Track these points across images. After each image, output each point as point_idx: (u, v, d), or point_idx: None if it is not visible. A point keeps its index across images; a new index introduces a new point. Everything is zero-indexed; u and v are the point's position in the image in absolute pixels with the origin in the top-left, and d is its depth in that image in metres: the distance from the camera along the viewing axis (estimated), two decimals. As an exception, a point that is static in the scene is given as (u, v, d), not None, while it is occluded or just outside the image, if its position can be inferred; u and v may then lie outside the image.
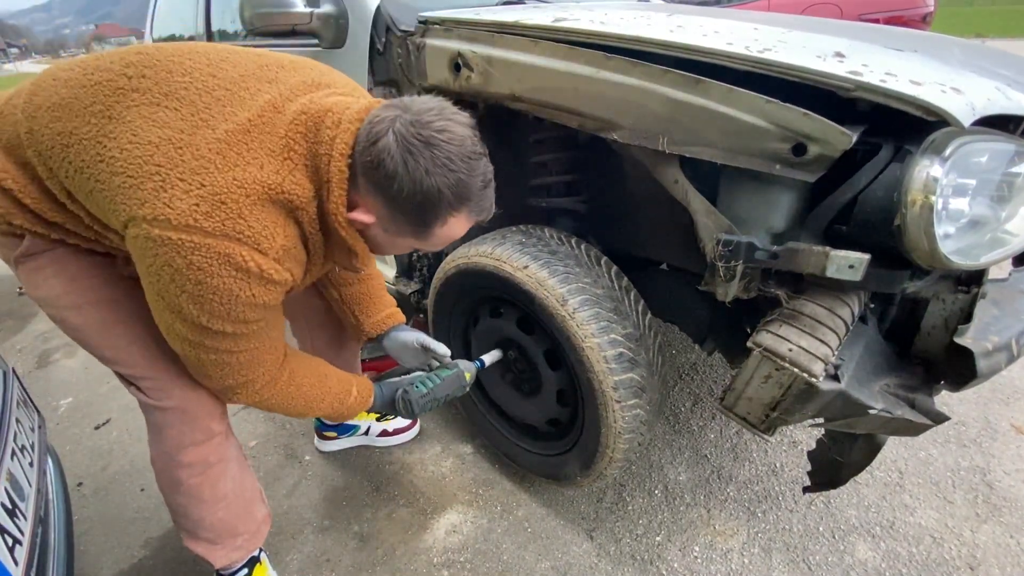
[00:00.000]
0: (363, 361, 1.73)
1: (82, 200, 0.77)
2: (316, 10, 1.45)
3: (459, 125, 0.72)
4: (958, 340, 0.89)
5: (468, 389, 1.23)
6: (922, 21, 4.63)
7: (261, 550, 1.20)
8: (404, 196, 0.71)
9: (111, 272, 0.90)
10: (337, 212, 0.75)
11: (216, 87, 0.73)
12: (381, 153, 0.69)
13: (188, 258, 0.68)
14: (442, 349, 1.18)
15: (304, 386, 0.96)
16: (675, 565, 1.27)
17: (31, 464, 0.95)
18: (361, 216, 0.75)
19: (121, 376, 0.95)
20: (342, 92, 0.81)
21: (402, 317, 1.27)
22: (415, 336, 1.21)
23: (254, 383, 0.88)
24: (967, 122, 0.74)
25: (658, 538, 1.33)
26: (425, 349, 1.19)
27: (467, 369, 1.22)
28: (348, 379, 1.07)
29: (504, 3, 1.63)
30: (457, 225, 0.77)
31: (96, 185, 0.72)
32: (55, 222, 0.81)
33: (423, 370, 1.23)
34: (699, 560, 1.27)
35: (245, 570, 1.14)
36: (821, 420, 0.92)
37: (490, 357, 1.32)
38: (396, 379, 1.18)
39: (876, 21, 4.34)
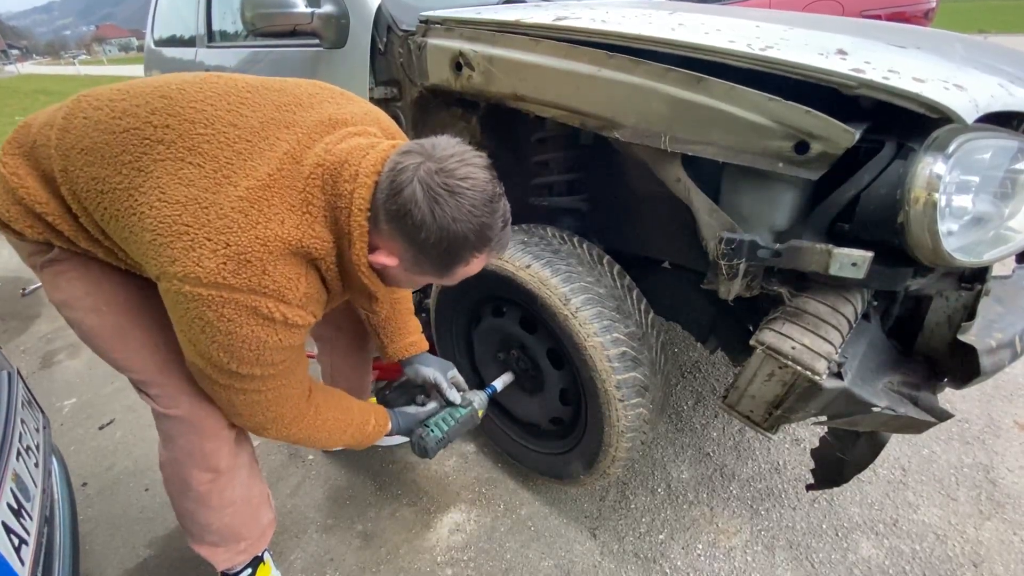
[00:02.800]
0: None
1: (117, 241, 0.81)
2: (317, 10, 1.45)
3: (480, 169, 0.73)
4: (961, 337, 0.89)
5: (480, 422, 1.25)
6: (924, 17, 4.61)
7: (265, 550, 1.21)
8: (431, 243, 0.73)
9: (133, 280, 0.91)
10: (360, 263, 0.78)
11: (237, 139, 0.75)
12: (408, 204, 0.71)
13: (219, 311, 0.72)
14: (454, 397, 1.20)
15: (329, 420, 0.99)
16: (678, 563, 1.27)
17: (36, 465, 0.96)
18: (384, 259, 0.78)
19: (134, 383, 0.96)
20: (358, 131, 0.82)
21: (425, 344, 1.27)
22: (432, 375, 1.22)
23: (283, 418, 0.91)
24: (970, 119, 0.73)
25: (661, 536, 1.34)
26: (438, 389, 1.22)
27: (480, 405, 1.23)
28: (367, 409, 1.10)
29: (505, 2, 1.63)
30: (477, 263, 0.80)
31: (129, 235, 0.76)
32: (88, 250, 0.85)
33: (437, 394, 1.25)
34: (702, 558, 1.28)
35: (248, 570, 1.14)
36: (824, 418, 0.92)
37: (501, 382, 1.33)
38: (412, 411, 1.20)
39: (878, 17, 4.33)
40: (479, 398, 1.23)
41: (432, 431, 1.15)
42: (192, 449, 0.96)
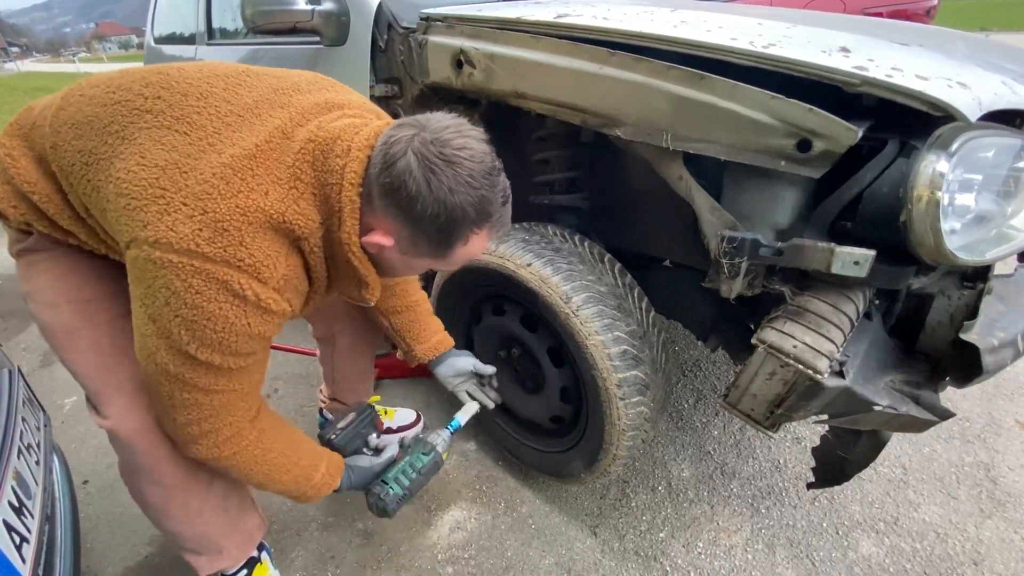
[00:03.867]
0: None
1: (98, 217, 0.78)
2: (317, 8, 1.45)
3: (477, 141, 0.71)
4: (964, 336, 0.88)
5: (443, 464, 1.16)
6: (926, 14, 4.60)
7: (263, 549, 1.20)
8: (428, 216, 0.69)
9: (105, 273, 0.89)
10: (350, 241, 0.74)
11: (228, 112, 0.73)
12: (402, 174, 0.67)
13: (187, 281, 0.67)
14: (490, 370, 1.23)
15: (271, 451, 0.89)
16: (679, 561, 1.27)
17: (37, 463, 0.96)
18: (378, 239, 0.74)
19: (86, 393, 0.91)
20: (353, 114, 0.79)
21: (451, 341, 1.26)
22: (469, 363, 1.22)
23: (218, 433, 0.82)
24: (973, 117, 0.73)
25: (662, 534, 1.34)
26: (475, 374, 1.23)
27: (444, 447, 1.13)
28: (320, 454, 1.00)
29: (506, -1, 1.62)
30: (478, 243, 0.76)
31: (107, 206, 0.72)
32: (70, 230, 0.83)
33: (462, 391, 1.26)
34: (703, 556, 1.28)
35: (244, 571, 1.13)
36: (826, 416, 0.92)
37: (465, 415, 1.24)
38: (366, 463, 1.08)
39: (879, 15, 4.32)
40: (442, 439, 1.14)
41: (391, 488, 1.03)
42: (133, 462, 0.90)
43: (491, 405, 1.30)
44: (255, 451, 0.87)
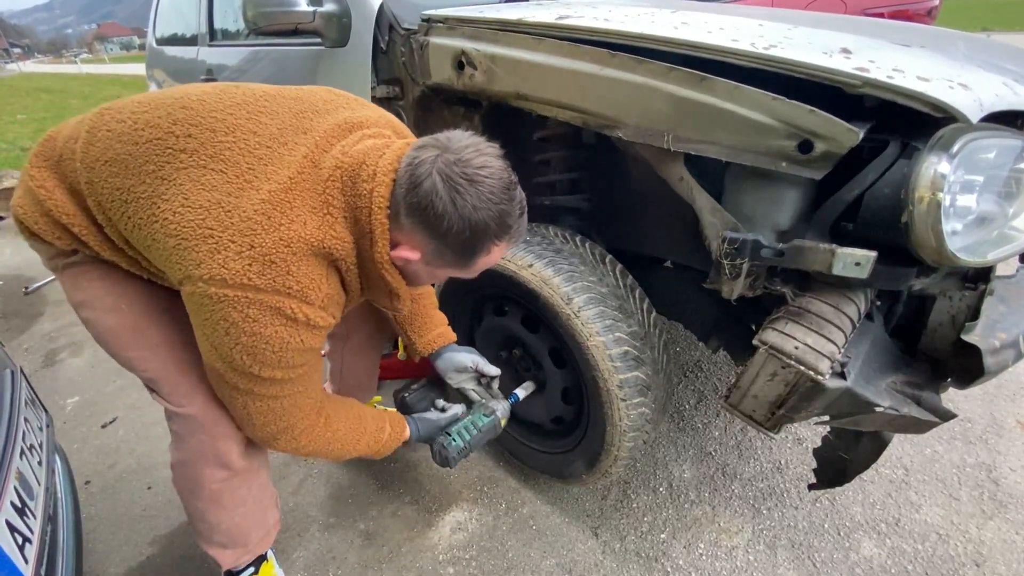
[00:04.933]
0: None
1: (141, 251, 0.83)
2: (319, 9, 1.45)
3: (495, 159, 0.76)
4: (965, 337, 0.88)
5: (501, 431, 1.22)
6: (927, 15, 4.59)
7: (269, 548, 1.21)
8: (453, 232, 0.74)
9: (153, 287, 0.94)
10: (383, 260, 0.80)
11: (257, 146, 0.78)
12: (429, 195, 0.72)
13: (244, 312, 0.73)
14: (494, 371, 1.23)
15: (341, 429, 0.98)
16: (680, 562, 1.27)
17: (40, 463, 0.96)
18: (406, 253, 0.79)
19: (146, 382, 0.96)
20: (373, 133, 0.84)
21: (453, 336, 1.28)
22: (468, 359, 1.23)
23: (294, 428, 0.91)
24: (975, 118, 0.73)
25: (663, 535, 1.34)
26: (477, 372, 1.23)
27: (503, 414, 1.21)
28: (381, 416, 1.09)
29: (507, 1, 1.62)
30: (497, 253, 0.81)
31: (152, 243, 0.77)
32: (111, 260, 0.88)
33: (466, 388, 1.26)
34: (704, 557, 1.28)
35: (252, 568, 1.15)
36: (827, 418, 0.92)
37: (523, 390, 1.31)
38: (432, 417, 1.17)
39: (881, 15, 4.31)
40: (502, 407, 1.21)
41: (454, 440, 1.12)
42: (204, 447, 0.96)
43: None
44: (327, 433, 0.96)
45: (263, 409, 0.86)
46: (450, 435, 1.13)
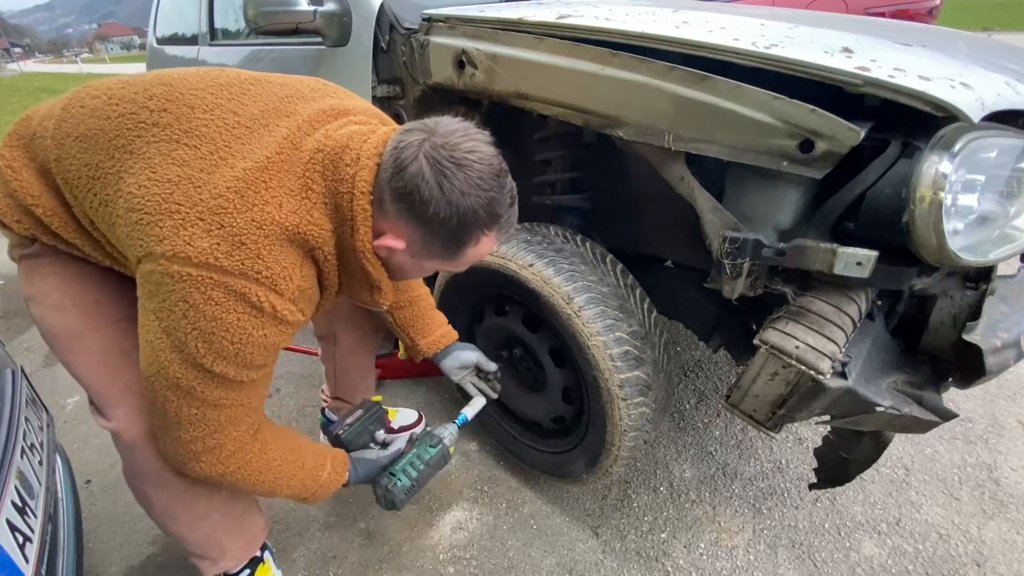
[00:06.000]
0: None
1: (104, 231, 0.78)
2: (320, 8, 1.45)
3: (484, 144, 0.72)
4: (967, 337, 0.88)
5: (451, 459, 1.15)
6: (928, 14, 4.59)
7: (265, 549, 1.20)
8: (440, 219, 0.71)
9: (109, 282, 0.89)
10: (364, 249, 0.75)
11: (236, 124, 0.73)
12: (415, 178, 0.69)
13: (206, 293, 0.68)
14: (492, 367, 1.23)
15: (275, 460, 0.89)
16: (680, 562, 1.27)
17: (40, 462, 0.96)
18: (390, 243, 0.75)
19: (88, 395, 0.91)
20: (359, 120, 0.80)
21: (455, 335, 1.28)
22: (473, 356, 1.22)
23: (223, 449, 0.81)
24: (977, 118, 0.73)
25: (663, 535, 1.34)
26: (479, 368, 1.23)
27: (451, 440, 1.13)
28: (323, 453, 1.00)
29: (508, 0, 1.62)
30: (487, 244, 0.77)
31: (116, 220, 0.72)
32: (73, 243, 0.83)
33: (466, 384, 1.26)
34: (704, 557, 1.28)
35: (247, 570, 1.13)
36: (828, 417, 0.92)
37: (472, 410, 1.24)
38: (372, 456, 1.08)
39: (881, 15, 4.31)
40: (448, 432, 1.14)
41: (398, 481, 1.02)
42: (138, 466, 0.89)
43: (494, 396, 1.30)
44: (258, 463, 0.87)
45: (197, 418, 0.77)
46: (394, 475, 1.03)
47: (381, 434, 1.15)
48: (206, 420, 0.78)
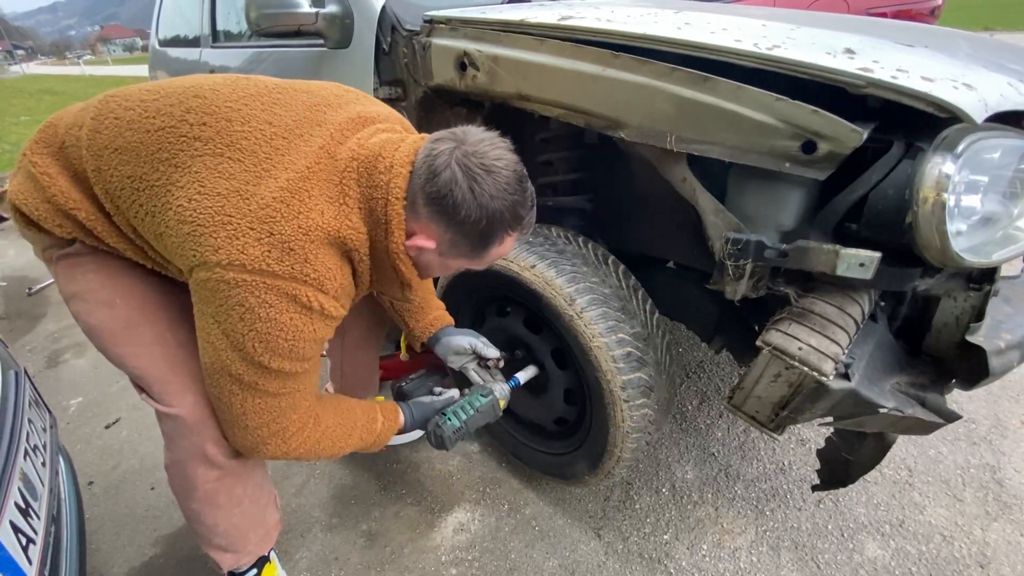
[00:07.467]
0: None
1: (149, 239, 0.82)
2: (321, 10, 1.45)
3: (508, 151, 0.79)
4: (970, 338, 0.88)
5: (501, 415, 1.18)
6: (930, 14, 4.58)
7: (271, 549, 1.21)
8: (471, 221, 0.77)
9: (151, 279, 0.93)
10: (398, 249, 0.81)
11: (273, 135, 0.78)
12: (448, 184, 0.75)
13: (261, 297, 0.73)
14: (494, 353, 1.21)
15: (331, 426, 0.96)
16: (683, 563, 1.26)
17: (43, 464, 0.96)
18: (421, 243, 0.80)
19: (136, 382, 0.95)
20: (387, 128, 0.86)
21: (450, 319, 1.28)
22: (467, 341, 1.22)
23: (286, 431, 0.89)
24: (980, 118, 0.73)
25: (666, 536, 1.33)
26: (476, 354, 1.22)
27: (502, 395, 1.17)
28: (371, 407, 1.07)
29: (509, 1, 1.62)
30: (509, 243, 0.83)
31: (165, 231, 0.77)
32: (116, 247, 0.87)
33: (467, 369, 1.24)
34: (707, 558, 1.27)
35: (254, 570, 1.14)
36: (831, 419, 0.91)
37: (525, 375, 1.27)
38: (427, 400, 1.15)
39: (883, 15, 4.31)
40: (500, 388, 1.18)
41: (449, 420, 1.09)
42: (195, 447, 0.94)
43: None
44: (317, 435, 0.94)
45: (261, 407, 0.84)
46: (445, 415, 1.10)
47: (438, 388, 1.23)
48: (269, 408, 0.85)
